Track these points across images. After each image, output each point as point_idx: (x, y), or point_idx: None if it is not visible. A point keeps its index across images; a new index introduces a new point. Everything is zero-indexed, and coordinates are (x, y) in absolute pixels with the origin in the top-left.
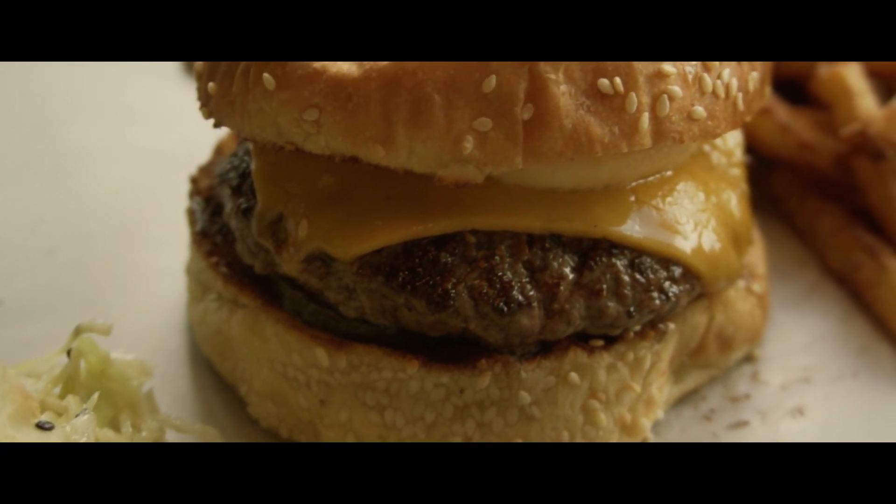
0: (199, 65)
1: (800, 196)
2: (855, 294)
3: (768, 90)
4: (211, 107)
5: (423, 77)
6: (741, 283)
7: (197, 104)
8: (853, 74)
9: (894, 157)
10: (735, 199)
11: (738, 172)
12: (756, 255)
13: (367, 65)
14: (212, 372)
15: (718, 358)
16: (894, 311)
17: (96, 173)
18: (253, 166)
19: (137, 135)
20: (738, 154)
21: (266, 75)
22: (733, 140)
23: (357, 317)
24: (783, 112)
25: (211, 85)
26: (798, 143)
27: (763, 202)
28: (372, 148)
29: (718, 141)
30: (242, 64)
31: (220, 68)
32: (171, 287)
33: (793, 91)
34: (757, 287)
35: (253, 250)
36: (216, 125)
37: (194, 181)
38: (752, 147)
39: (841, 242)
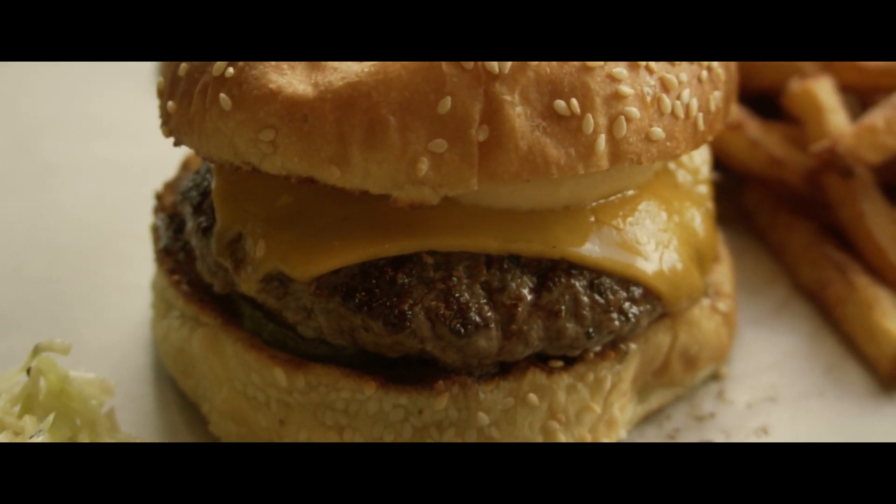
0: (160, 82)
1: (771, 211)
2: (824, 311)
3: (734, 108)
4: (171, 125)
5: (378, 98)
6: (706, 302)
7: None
8: (824, 90)
9: (864, 174)
10: (699, 218)
11: (704, 190)
12: (722, 273)
13: (323, 86)
14: (175, 389)
15: (683, 377)
16: (862, 328)
17: (66, 187)
18: (213, 185)
19: (109, 148)
20: (705, 171)
21: (223, 95)
22: (700, 157)
23: (315, 337)
24: (754, 127)
25: (170, 104)
26: (769, 158)
27: (735, 217)
28: (327, 169)
29: (685, 158)
30: (200, 83)
31: (179, 87)
32: (138, 303)
33: (765, 105)
34: (722, 305)
35: (212, 269)
36: (176, 144)
37: (159, 197)
38: (723, 162)
39: (811, 259)
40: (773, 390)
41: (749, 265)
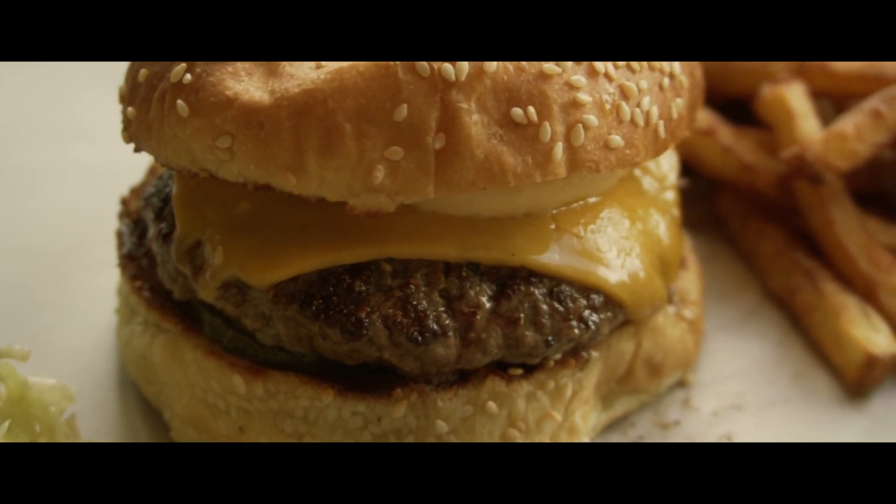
0: (121, 88)
1: (743, 217)
2: (794, 318)
3: (700, 114)
4: (131, 131)
5: (334, 106)
6: (671, 309)
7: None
8: (796, 95)
9: (834, 181)
10: (664, 225)
11: (670, 196)
12: (689, 280)
13: (279, 93)
14: (139, 395)
15: (648, 384)
16: (830, 336)
17: (40, 191)
18: (174, 191)
19: (83, 152)
20: (672, 178)
21: (180, 102)
22: (667, 164)
23: (274, 344)
24: (726, 133)
25: (130, 109)
26: (740, 164)
27: (707, 222)
28: (284, 176)
29: (651, 165)
30: (159, 89)
31: (139, 92)
32: (106, 308)
33: (738, 111)
34: (688, 313)
35: (172, 275)
36: (136, 150)
37: (125, 202)
38: (696, 168)
39: (781, 266)
40: (740, 398)
41: (720, 271)
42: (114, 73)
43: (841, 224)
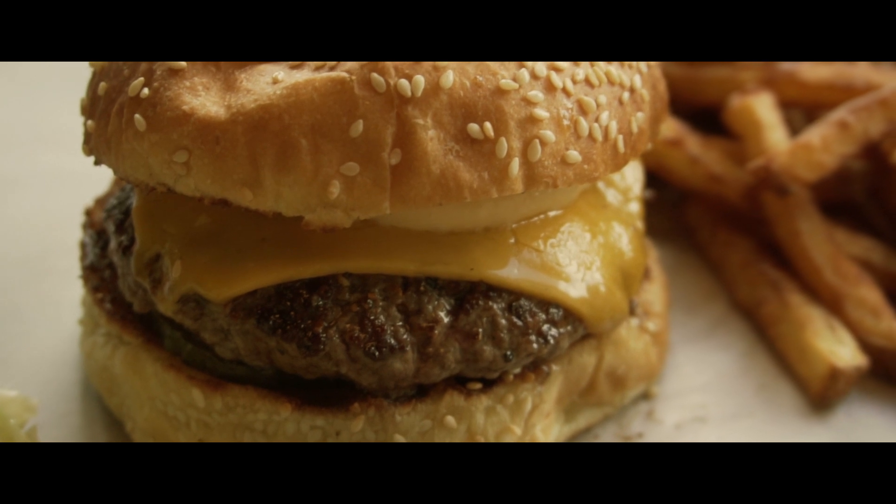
0: (83, 100)
1: (711, 227)
2: (760, 329)
3: (668, 124)
4: (91, 144)
5: (290, 121)
6: (634, 322)
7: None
8: (764, 106)
9: (800, 192)
10: (626, 237)
11: (634, 208)
12: (653, 292)
13: (235, 108)
14: (102, 407)
15: (612, 397)
16: (794, 348)
17: (10, 199)
18: (134, 203)
19: (55, 159)
20: (636, 190)
21: (137, 116)
22: (632, 176)
23: (233, 358)
24: (693, 143)
25: (90, 122)
26: (708, 174)
27: (676, 233)
28: (240, 191)
29: (616, 177)
30: (117, 103)
31: (98, 106)
32: (75, 318)
33: (708, 120)
34: (651, 325)
35: (132, 288)
36: (96, 163)
37: (88, 213)
38: (663, 178)
39: (748, 277)
40: (704, 410)
41: (688, 282)
42: (84, 79)
43: (807, 235)
